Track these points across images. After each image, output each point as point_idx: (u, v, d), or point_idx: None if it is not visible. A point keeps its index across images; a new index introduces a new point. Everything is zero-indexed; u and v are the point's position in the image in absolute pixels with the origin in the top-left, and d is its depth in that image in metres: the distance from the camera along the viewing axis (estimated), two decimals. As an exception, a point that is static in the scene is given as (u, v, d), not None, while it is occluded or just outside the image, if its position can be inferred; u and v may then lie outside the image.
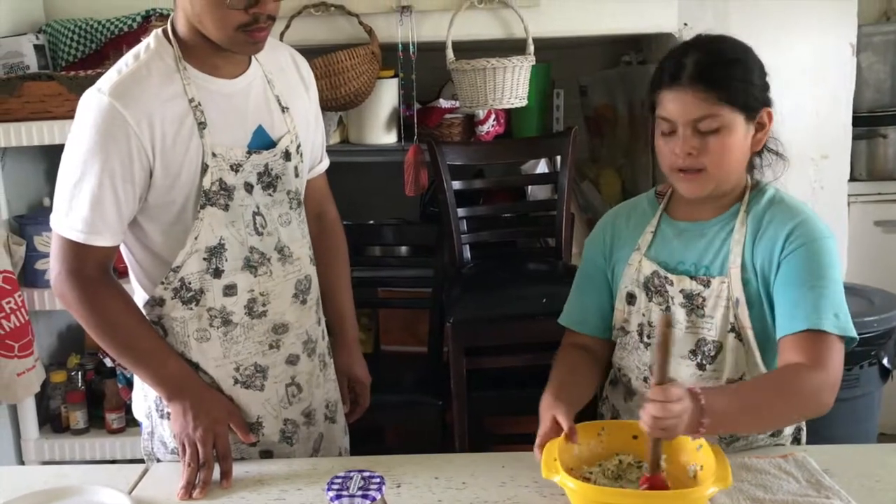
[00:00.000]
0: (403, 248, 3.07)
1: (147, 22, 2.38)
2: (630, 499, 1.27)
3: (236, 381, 1.57)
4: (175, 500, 1.42)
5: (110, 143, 1.42)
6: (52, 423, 2.48)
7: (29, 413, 2.39)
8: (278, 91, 1.60)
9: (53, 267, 1.50)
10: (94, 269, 1.49)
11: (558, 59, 3.32)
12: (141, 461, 1.61)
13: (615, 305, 1.61)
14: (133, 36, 2.37)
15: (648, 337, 1.54)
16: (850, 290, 2.69)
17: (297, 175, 1.62)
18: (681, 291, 1.50)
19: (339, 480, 1.13)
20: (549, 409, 1.41)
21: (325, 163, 1.80)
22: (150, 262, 1.55)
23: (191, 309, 1.53)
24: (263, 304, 1.57)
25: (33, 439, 2.41)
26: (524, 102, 2.75)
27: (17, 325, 2.22)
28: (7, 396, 2.27)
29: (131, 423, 2.48)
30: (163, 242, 1.52)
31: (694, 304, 1.49)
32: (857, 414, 2.54)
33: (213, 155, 1.48)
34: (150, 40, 1.51)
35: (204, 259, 1.51)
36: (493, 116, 2.99)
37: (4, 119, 2.23)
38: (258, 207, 1.55)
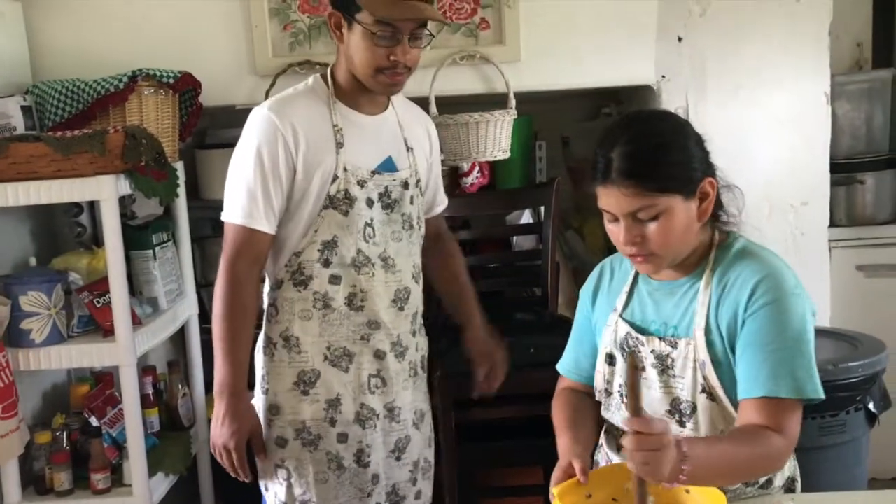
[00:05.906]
0: (390, 301, 3.06)
1: (133, 82, 2.38)
2: None
3: (325, 359, 1.86)
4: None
5: (264, 146, 1.79)
6: (35, 484, 2.44)
7: (12, 475, 2.34)
8: (407, 135, 1.95)
9: (222, 256, 1.82)
10: (246, 261, 1.80)
11: (540, 111, 3.37)
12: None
13: (596, 367, 1.61)
14: (120, 96, 2.37)
15: (628, 398, 1.54)
16: (834, 335, 2.72)
17: (412, 203, 1.94)
18: (652, 352, 1.50)
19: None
20: (567, 454, 1.44)
21: (444, 204, 2.16)
22: (280, 252, 1.86)
23: (300, 291, 1.85)
24: (362, 300, 1.86)
25: (16, 503, 2.36)
26: (507, 155, 2.79)
27: (1, 385, 2.19)
28: (-10, 459, 2.24)
29: (117, 483, 2.43)
30: (294, 235, 1.84)
31: (664, 365, 1.49)
32: (845, 460, 2.53)
33: (345, 169, 1.83)
34: (309, 80, 1.90)
35: (318, 250, 1.83)
36: (477, 168, 3.03)
37: (-9, 180, 2.23)
38: (371, 220, 1.86)
